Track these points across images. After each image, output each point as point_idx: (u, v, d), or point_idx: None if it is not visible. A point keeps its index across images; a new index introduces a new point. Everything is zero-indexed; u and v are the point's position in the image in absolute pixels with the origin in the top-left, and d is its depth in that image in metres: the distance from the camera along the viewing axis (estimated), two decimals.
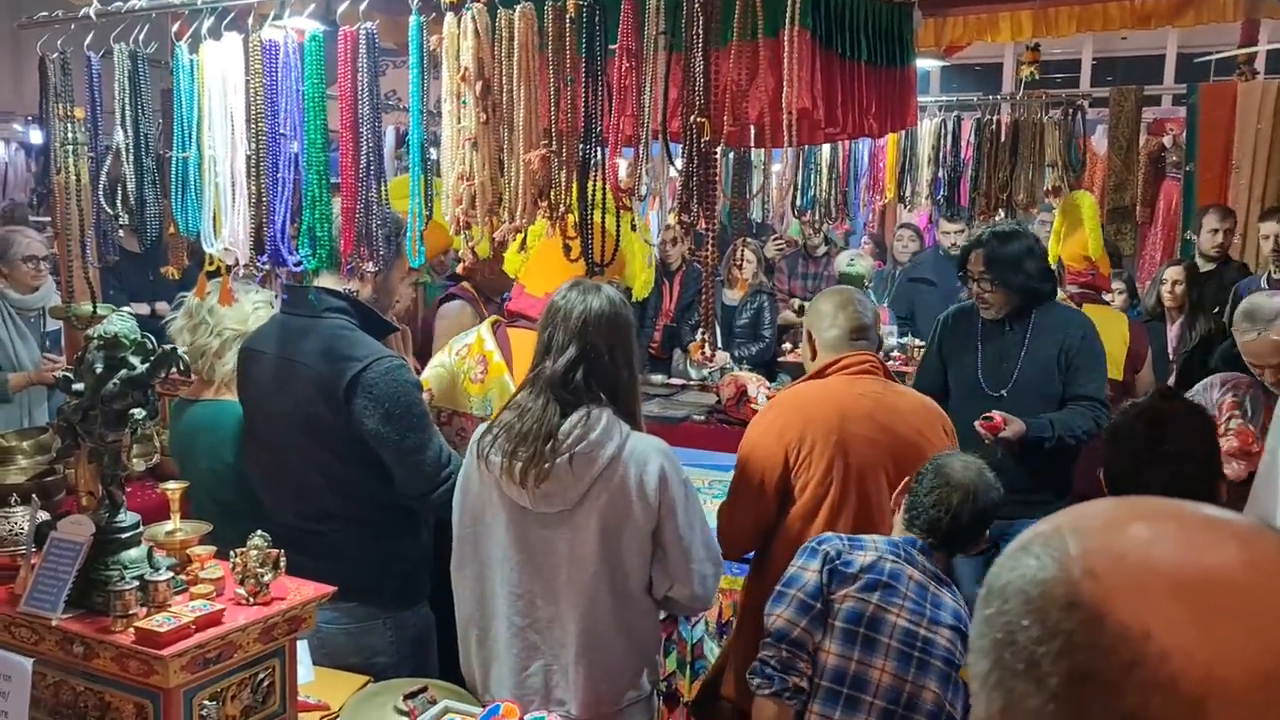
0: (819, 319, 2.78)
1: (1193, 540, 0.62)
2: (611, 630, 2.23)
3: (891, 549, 2.25)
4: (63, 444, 1.86)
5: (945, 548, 2.27)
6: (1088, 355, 3.46)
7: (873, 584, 2.16)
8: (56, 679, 1.80)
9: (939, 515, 2.22)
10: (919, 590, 2.18)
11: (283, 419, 2.55)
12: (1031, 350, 3.47)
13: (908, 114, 3.27)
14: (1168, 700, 0.55)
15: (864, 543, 2.26)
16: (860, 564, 2.19)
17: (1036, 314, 3.52)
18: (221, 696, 1.78)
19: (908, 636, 2.11)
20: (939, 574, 2.25)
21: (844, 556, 2.20)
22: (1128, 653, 0.57)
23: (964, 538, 2.27)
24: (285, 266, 2.25)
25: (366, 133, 2.14)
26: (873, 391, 2.67)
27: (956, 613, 2.19)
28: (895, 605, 2.14)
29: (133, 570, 1.79)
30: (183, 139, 2.30)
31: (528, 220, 2.03)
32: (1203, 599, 0.58)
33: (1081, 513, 0.67)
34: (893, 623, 2.12)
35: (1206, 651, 0.56)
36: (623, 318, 2.26)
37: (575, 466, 2.15)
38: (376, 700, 2.22)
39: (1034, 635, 0.61)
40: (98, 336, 1.81)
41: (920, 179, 5.93)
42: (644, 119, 2.03)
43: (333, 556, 2.43)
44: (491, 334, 2.90)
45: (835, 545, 2.24)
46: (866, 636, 2.13)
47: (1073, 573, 0.61)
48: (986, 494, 2.24)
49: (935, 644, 2.12)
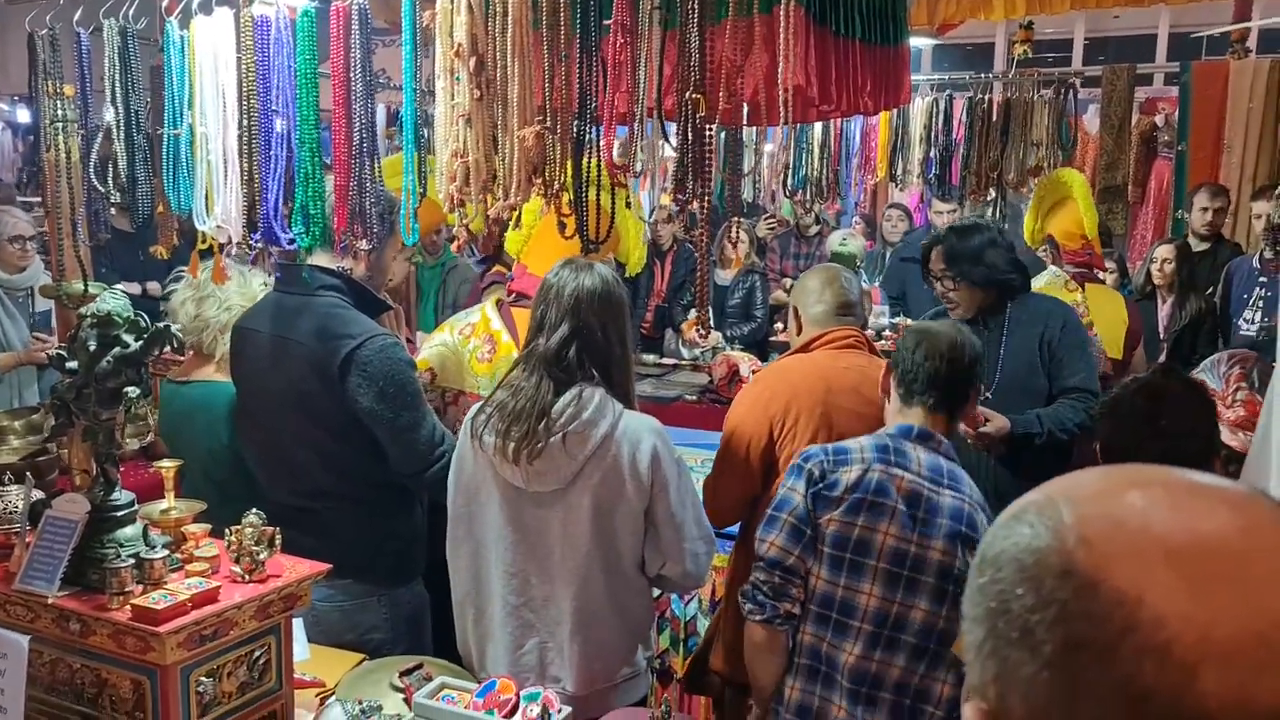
0: (805, 295, 2.80)
1: (1186, 506, 0.62)
2: (605, 608, 2.25)
3: (880, 454, 2.18)
4: (56, 422, 1.86)
5: (946, 405, 2.23)
6: (1071, 345, 3.29)
7: (857, 505, 2.12)
8: (53, 657, 1.80)
9: (935, 365, 2.20)
10: (910, 500, 2.12)
11: (276, 397, 2.54)
12: (1011, 347, 3.30)
13: (901, 92, 3.27)
14: (1162, 666, 0.56)
15: (849, 455, 2.19)
16: (845, 483, 2.14)
17: (1011, 308, 3.33)
18: (218, 673, 1.78)
19: (896, 557, 2.09)
20: (939, 464, 2.18)
21: (829, 477, 2.16)
22: (1122, 619, 0.57)
23: (962, 383, 2.24)
24: (278, 244, 2.24)
25: (359, 109, 2.13)
26: (858, 365, 2.69)
27: (957, 511, 2.12)
28: (882, 525, 2.11)
29: (128, 548, 1.79)
30: (174, 116, 2.28)
31: (522, 197, 2.02)
32: (1196, 565, 0.58)
33: (1075, 481, 0.67)
34: (880, 544, 2.10)
35: (1201, 616, 0.56)
36: (615, 295, 2.26)
37: (568, 445, 2.16)
38: (372, 677, 2.23)
39: (1028, 604, 0.61)
40: (91, 314, 1.80)
41: (912, 158, 5.94)
42: (639, 96, 2.02)
43: (327, 534, 2.44)
44: (497, 313, 2.91)
45: (819, 463, 2.19)
46: (853, 561, 2.12)
47: (1067, 540, 0.61)
48: (970, 339, 2.29)
49: (926, 560, 2.09)
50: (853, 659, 2.12)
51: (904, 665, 2.10)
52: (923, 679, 2.10)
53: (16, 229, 4.61)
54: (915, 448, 2.19)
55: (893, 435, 2.22)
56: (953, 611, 2.07)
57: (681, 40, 2.05)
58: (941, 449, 2.22)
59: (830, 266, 3.04)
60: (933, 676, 2.10)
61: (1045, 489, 0.68)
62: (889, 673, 2.11)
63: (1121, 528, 0.61)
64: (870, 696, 2.11)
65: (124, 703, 1.75)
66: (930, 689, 2.10)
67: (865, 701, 2.11)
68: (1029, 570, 0.62)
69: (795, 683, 2.20)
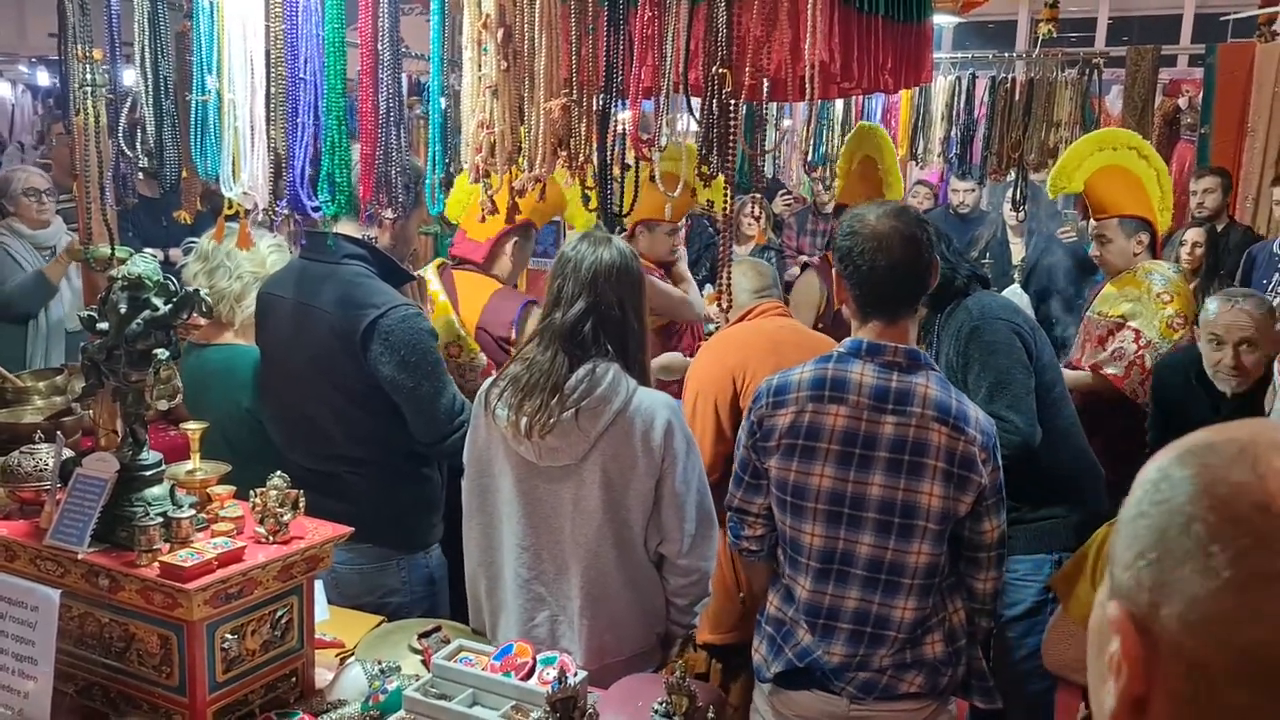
0: (734, 282, 3.02)
1: None
2: (616, 583, 2.26)
3: (814, 391, 2.14)
4: (87, 383, 1.89)
5: (891, 307, 2.14)
6: (970, 360, 2.79)
7: (790, 450, 2.15)
8: (82, 611, 1.85)
9: (873, 262, 2.10)
10: (845, 438, 2.10)
11: (299, 363, 2.57)
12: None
13: (923, 70, 3.26)
14: None
15: (787, 394, 2.16)
16: (779, 429, 2.16)
17: (940, 322, 2.91)
18: (242, 631, 1.82)
19: (833, 498, 2.12)
20: (887, 386, 2.10)
21: (765, 424, 2.19)
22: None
23: (903, 279, 2.12)
24: (304, 212, 2.26)
25: (386, 78, 2.14)
26: (792, 326, 3.15)
27: (899, 441, 2.07)
28: (816, 468, 2.12)
29: (156, 507, 1.82)
30: (201, 82, 2.30)
31: (547, 169, 2.03)
32: None
33: (1259, 430, 0.69)
34: (816, 486, 2.13)
35: None
36: (633, 270, 2.26)
37: (581, 421, 2.17)
38: (391, 639, 2.27)
39: (1214, 530, 0.65)
40: (122, 278, 1.83)
41: (932, 136, 5.92)
42: (664, 70, 2.03)
43: (347, 499, 2.47)
44: (437, 276, 3.13)
45: (760, 409, 2.21)
46: (794, 504, 2.17)
47: (1269, 481, 0.65)
48: (908, 226, 2.13)
49: (865, 497, 2.10)
50: (806, 593, 2.18)
51: (858, 596, 2.13)
52: (880, 606, 2.13)
53: (29, 182, 4.66)
54: (862, 369, 2.13)
55: (841, 355, 2.18)
56: (899, 542, 2.10)
57: (709, 14, 2.05)
58: (897, 359, 2.12)
59: (745, 259, 3.55)
60: (890, 604, 2.12)
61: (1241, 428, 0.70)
62: (843, 604, 2.14)
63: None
64: (827, 627, 2.16)
65: (151, 657, 1.79)
66: (889, 615, 2.13)
67: (823, 632, 2.16)
68: (1221, 499, 0.65)
69: (774, 599, 2.28)
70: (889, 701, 2.15)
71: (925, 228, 2.18)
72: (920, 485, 2.08)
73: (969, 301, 2.88)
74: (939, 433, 2.08)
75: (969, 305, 2.87)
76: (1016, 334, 2.81)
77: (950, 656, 2.17)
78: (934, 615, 2.16)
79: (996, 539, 2.16)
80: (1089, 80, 5.55)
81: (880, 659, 2.14)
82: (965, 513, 2.11)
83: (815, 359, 2.22)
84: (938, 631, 2.16)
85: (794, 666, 2.18)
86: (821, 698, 2.18)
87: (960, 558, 2.20)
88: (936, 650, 2.15)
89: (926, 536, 2.10)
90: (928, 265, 2.16)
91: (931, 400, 2.09)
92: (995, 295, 3.10)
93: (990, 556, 2.18)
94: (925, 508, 2.08)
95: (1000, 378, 2.74)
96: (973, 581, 2.21)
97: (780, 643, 2.22)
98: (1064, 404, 2.97)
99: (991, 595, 2.22)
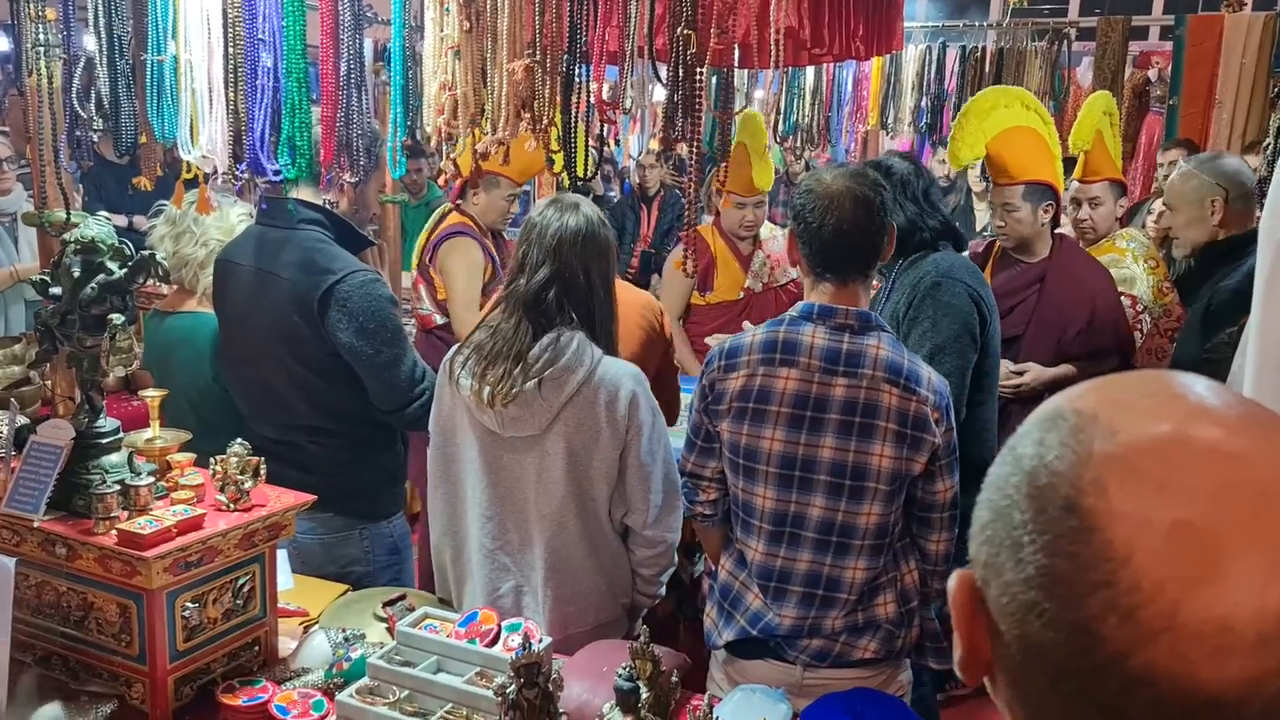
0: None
1: (1223, 482, 0.58)
2: (579, 554, 2.26)
3: (765, 354, 2.13)
4: (40, 348, 1.85)
5: (841, 267, 2.12)
6: (921, 315, 2.74)
7: (741, 414, 2.14)
8: (39, 579, 1.82)
9: (823, 220, 2.09)
10: (796, 401, 2.09)
11: (259, 330, 2.54)
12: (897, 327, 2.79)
13: (894, 38, 3.26)
14: (1123, 624, 0.57)
15: (739, 357, 2.16)
16: (730, 393, 2.15)
17: (899, 267, 2.86)
18: (203, 599, 1.81)
19: (784, 461, 2.11)
20: (838, 349, 2.09)
21: (716, 388, 2.18)
22: (1101, 573, 0.58)
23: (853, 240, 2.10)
24: (264, 176, 2.22)
25: (347, 40, 2.10)
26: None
27: (850, 404, 2.07)
28: (766, 431, 2.12)
29: (114, 474, 1.80)
30: (158, 42, 2.25)
31: (510, 132, 2.01)
32: (1197, 546, 0.57)
33: (1129, 402, 0.64)
34: (767, 449, 2.12)
35: (1176, 594, 0.56)
36: (600, 237, 2.23)
37: (544, 391, 2.15)
38: (356, 607, 2.26)
39: (1026, 519, 0.62)
40: (75, 240, 1.79)
41: (903, 106, 5.91)
42: (629, 32, 2.00)
43: (308, 468, 2.45)
44: None
45: (711, 373, 2.20)
46: (746, 467, 2.16)
47: (1083, 477, 0.60)
48: (863, 188, 2.10)
49: (817, 460, 2.09)
50: (758, 556, 2.17)
51: (810, 559, 2.13)
52: (832, 568, 2.13)
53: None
54: (814, 332, 2.12)
55: (793, 318, 2.17)
56: (850, 504, 2.09)
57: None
58: (849, 321, 2.11)
59: None
60: (841, 565, 2.13)
61: (1098, 394, 0.65)
62: (795, 567, 2.14)
63: (1143, 484, 0.59)
64: (779, 590, 2.16)
65: (110, 625, 1.77)
66: (840, 577, 2.13)
67: (774, 595, 2.16)
68: (1039, 488, 0.62)
69: (726, 563, 2.27)
70: (843, 668, 2.16)
71: (881, 191, 2.14)
72: (871, 447, 2.08)
73: (937, 256, 2.82)
74: (890, 394, 2.08)
75: (937, 259, 2.81)
76: (975, 302, 2.77)
77: (903, 617, 2.18)
78: (884, 575, 2.16)
79: (949, 499, 2.16)
80: (1059, 51, 5.55)
81: (832, 621, 2.14)
82: (919, 472, 2.12)
83: (768, 322, 2.21)
84: (889, 591, 2.16)
85: (747, 634, 2.19)
86: (775, 666, 2.18)
87: (913, 519, 2.20)
88: (889, 610, 2.16)
89: (877, 498, 2.10)
90: (879, 229, 2.13)
91: (883, 361, 2.09)
92: (963, 257, 3.02)
93: (943, 518, 2.17)
94: (876, 469, 2.08)
95: (945, 343, 2.71)
96: (925, 543, 2.20)
97: (730, 609, 2.22)
98: (991, 398, 2.92)
99: (944, 557, 2.21)
